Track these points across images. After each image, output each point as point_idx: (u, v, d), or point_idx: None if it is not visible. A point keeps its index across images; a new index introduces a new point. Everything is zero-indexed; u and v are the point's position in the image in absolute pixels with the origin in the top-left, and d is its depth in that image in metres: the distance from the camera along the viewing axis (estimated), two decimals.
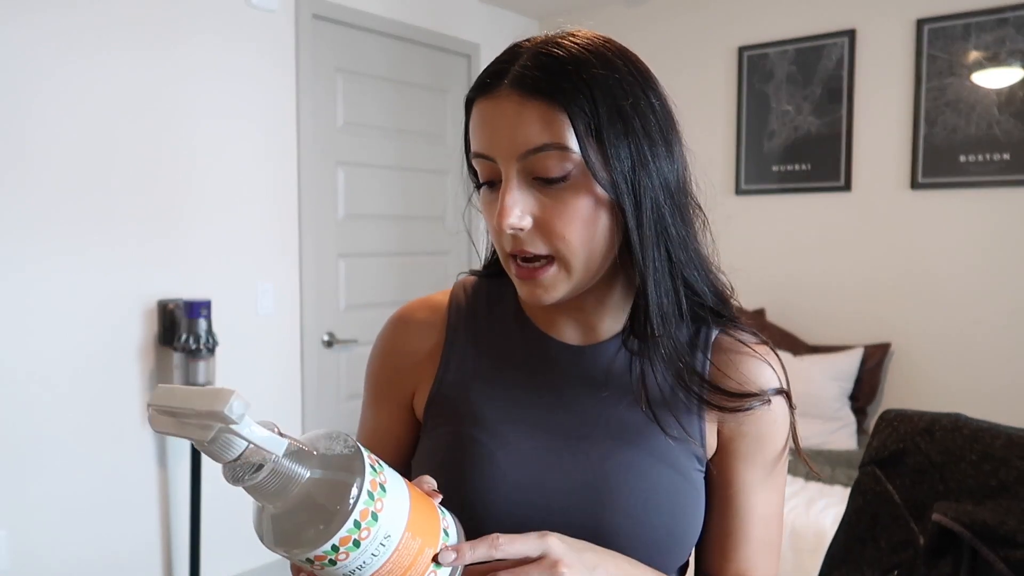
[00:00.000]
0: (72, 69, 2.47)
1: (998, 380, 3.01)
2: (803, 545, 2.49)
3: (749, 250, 3.57)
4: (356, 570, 0.55)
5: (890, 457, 0.76)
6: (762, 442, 0.80)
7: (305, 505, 0.54)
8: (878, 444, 0.79)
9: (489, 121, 0.73)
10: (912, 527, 0.71)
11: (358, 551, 0.54)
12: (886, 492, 0.73)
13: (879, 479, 0.75)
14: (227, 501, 2.90)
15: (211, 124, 2.82)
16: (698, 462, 0.80)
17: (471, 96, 0.77)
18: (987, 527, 0.65)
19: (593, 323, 0.82)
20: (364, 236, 3.40)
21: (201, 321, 2.62)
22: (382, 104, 3.43)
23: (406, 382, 0.88)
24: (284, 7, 3.01)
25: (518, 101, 0.71)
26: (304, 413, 3.17)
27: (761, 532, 0.81)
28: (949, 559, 0.67)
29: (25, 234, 2.39)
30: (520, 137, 0.71)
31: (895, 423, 0.77)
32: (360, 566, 0.55)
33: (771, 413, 0.80)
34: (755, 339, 0.83)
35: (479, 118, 0.75)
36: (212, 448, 0.52)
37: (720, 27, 3.65)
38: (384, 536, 0.55)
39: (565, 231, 0.72)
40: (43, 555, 2.45)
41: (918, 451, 0.73)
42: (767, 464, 0.80)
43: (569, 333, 0.83)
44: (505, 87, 0.72)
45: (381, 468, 0.58)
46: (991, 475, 0.70)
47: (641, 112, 0.73)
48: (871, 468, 0.79)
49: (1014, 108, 2.95)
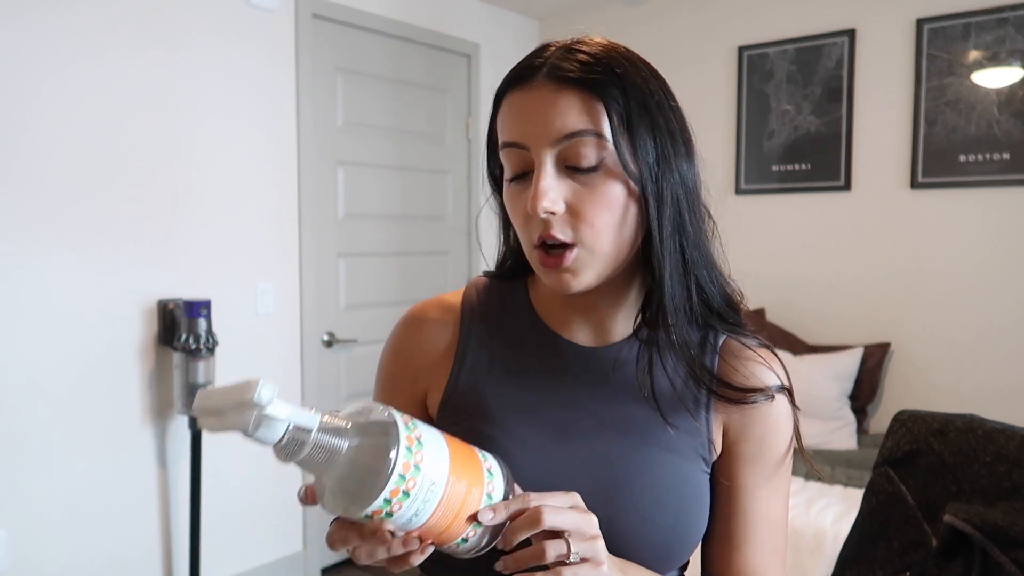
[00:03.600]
0: (72, 69, 2.46)
1: (998, 380, 3.01)
2: (803, 545, 2.50)
3: (749, 250, 3.57)
4: (413, 517, 0.61)
5: (903, 458, 0.75)
6: (766, 443, 0.82)
7: (353, 469, 0.60)
8: (892, 445, 0.79)
9: (524, 110, 0.75)
10: (924, 528, 0.71)
11: (409, 500, 0.60)
12: (899, 493, 0.72)
13: (892, 480, 0.75)
14: (227, 501, 2.89)
15: (211, 124, 2.81)
16: (704, 464, 0.81)
17: (503, 89, 0.79)
18: (998, 528, 0.65)
19: (607, 324, 0.84)
20: (364, 236, 3.39)
21: (201, 321, 2.61)
22: (382, 104, 3.43)
23: (419, 381, 0.88)
24: (284, 7, 3.01)
25: (554, 89, 0.74)
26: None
27: (767, 534, 0.82)
28: (961, 560, 0.66)
29: (25, 234, 2.39)
30: (557, 123, 0.73)
31: (909, 424, 0.77)
32: (416, 512, 0.61)
33: (775, 415, 0.81)
34: (758, 343, 0.85)
35: (512, 108, 0.77)
36: (256, 435, 0.57)
37: (720, 27, 3.65)
38: (430, 483, 0.61)
39: (595, 219, 0.74)
40: (43, 555, 2.44)
41: (931, 452, 0.73)
42: (771, 466, 0.82)
43: (581, 334, 0.85)
44: (540, 78, 0.75)
45: (415, 425, 0.64)
46: (1005, 476, 0.70)
47: (664, 111, 0.76)
48: (884, 469, 0.79)
49: (1014, 108, 2.95)
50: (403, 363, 0.90)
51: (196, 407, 0.59)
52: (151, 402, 2.70)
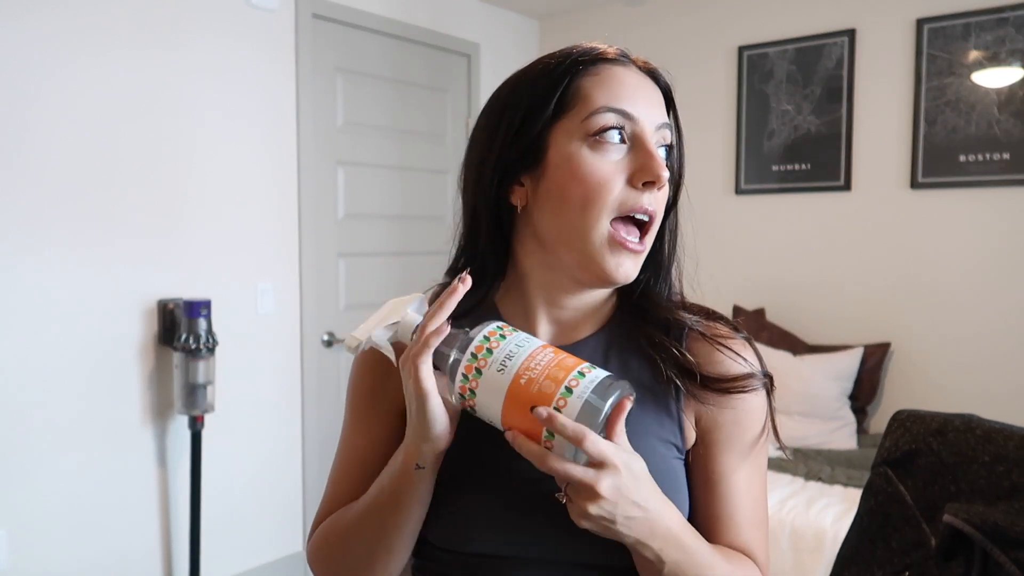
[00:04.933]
0: (72, 69, 2.46)
1: (998, 379, 3.01)
2: (803, 545, 2.49)
3: (749, 250, 3.57)
4: (509, 355, 0.71)
5: (902, 458, 0.76)
6: (740, 428, 0.82)
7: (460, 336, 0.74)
8: (890, 444, 0.79)
9: (633, 86, 0.80)
10: (924, 528, 0.71)
11: (504, 342, 0.72)
12: (898, 493, 0.73)
13: (891, 480, 0.75)
14: (227, 501, 2.89)
15: (211, 124, 2.81)
16: (677, 451, 0.82)
17: (595, 57, 0.81)
18: (998, 528, 0.65)
19: (574, 323, 0.86)
20: (364, 236, 3.39)
21: (201, 321, 2.61)
22: (382, 104, 3.43)
23: (390, 398, 0.88)
24: (284, 7, 3.01)
25: (649, 81, 0.82)
26: (304, 412, 3.17)
27: (749, 512, 0.83)
28: (961, 560, 0.66)
29: (25, 233, 2.39)
30: (658, 109, 0.81)
31: (907, 423, 0.77)
32: (509, 353, 0.71)
33: (746, 401, 0.82)
34: (728, 330, 0.85)
35: (618, 79, 0.80)
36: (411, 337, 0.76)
37: (720, 27, 3.65)
38: (516, 344, 0.72)
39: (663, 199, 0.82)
40: (43, 555, 2.44)
41: (930, 452, 0.73)
42: (745, 447, 0.83)
43: (544, 333, 0.86)
44: (635, 68, 0.82)
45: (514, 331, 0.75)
46: (1004, 476, 0.70)
47: (678, 122, 0.86)
48: (883, 469, 0.79)
49: (1014, 108, 2.95)
50: (371, 384, 0.90)
51: (356, 335, 0.79)
52: (151, 402, 2.70)
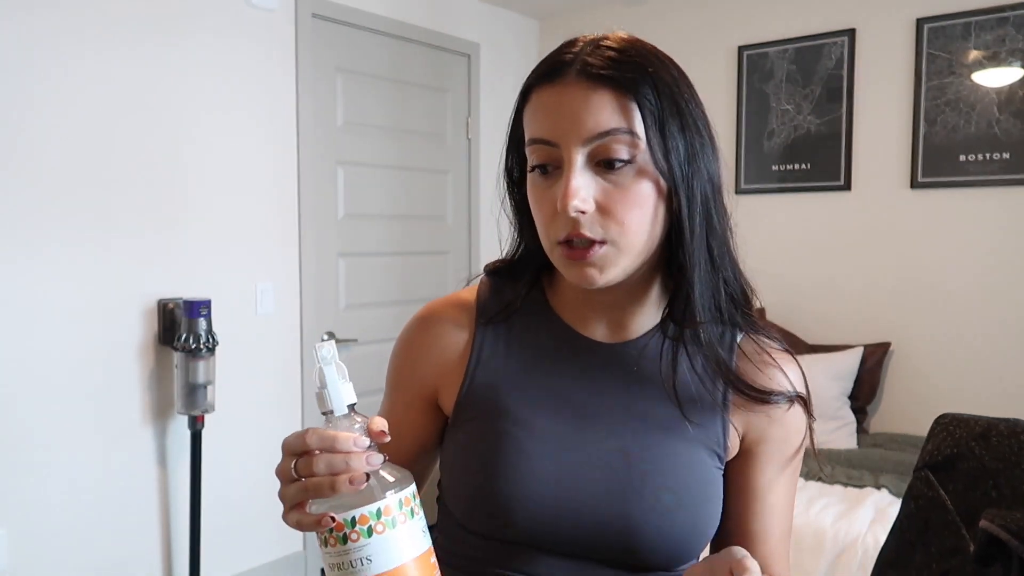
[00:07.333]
0: (71, 68, 2.44)
1: (998, 379, 3.02)
2: (803, 545, 2.50)
3: (749, 250, 3.56)
4: (361, 561, 0.58)
5: (944, 462, 0.75)
6: (787, 444, 0.83)
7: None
8: (932, 448, 0.79)
9: (555, 106, 0.75)
10: (963, 534, 0.71)
11: (368, 540, 0.58)
12: (938, 497, 0.72)
13: (932, 484, 0.75)
14: (227, 501, 2.88)
15: (211, 123, 2.79)
16: (719, 460, 0.82)
17: (531, 83, 0.78)
18: None
19: (625, 322, 0.84)
20: (364, 236, 3.38)
21: (201, 320, 2.60)
22: (382, 103, 3.41)
23: (432, 379, 0.88)
24: (284, 6, 2.99)
25: (587, 87, 0.73)
26: (304, 413, 3.15)
27: (781, 524, 0.84)
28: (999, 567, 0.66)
29: (24, 233, 2.37)
30: (590, 122, 0.73)
31: (950, 427, 0.77)
32: (364, 559, 0.58)
33: (792, 419, 0.82)
34: (778, 346, 0.85)
35: (542, 104, 0.76)
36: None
37: (720, 27, 3.65)
38: (388, 550, 0.58)
39: (625, 216, 0.74)
40: (43, 555, 2.43)
41: (972, 456, 0.72)
42: (784, 462, 0.83)
43: (599, 331, 0.85)
44: (572, 75, 0.74)
45: (421, 514, 0.62)
46: None
47: (692, 109, 0.77)
48: (924, 473, 0.78)
49: (1014, 107, 2.96)
50: (416, 362, 0.89)
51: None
52: (151, 402, 2.68)
